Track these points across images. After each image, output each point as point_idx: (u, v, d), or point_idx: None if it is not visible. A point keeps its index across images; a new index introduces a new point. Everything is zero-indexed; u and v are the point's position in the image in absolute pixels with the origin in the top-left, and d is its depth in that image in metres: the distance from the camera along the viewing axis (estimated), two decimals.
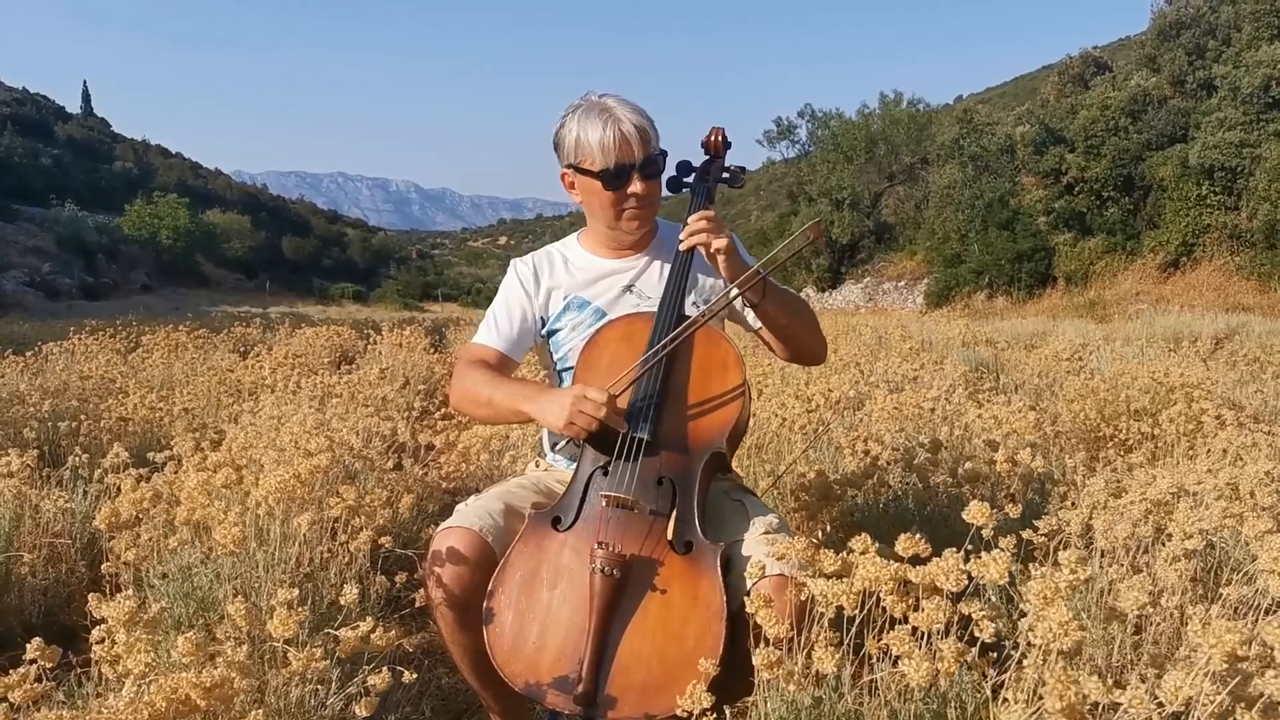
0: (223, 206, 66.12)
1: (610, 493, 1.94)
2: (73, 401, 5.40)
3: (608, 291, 2.29)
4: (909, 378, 7.03)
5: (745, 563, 1.93)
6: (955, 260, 28.48)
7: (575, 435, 1.95)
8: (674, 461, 2.00)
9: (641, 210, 2.20)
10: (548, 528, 1.98)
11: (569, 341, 2.28)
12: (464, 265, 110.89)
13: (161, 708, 1.27)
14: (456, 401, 2.23)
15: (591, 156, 2.12)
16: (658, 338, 2.08)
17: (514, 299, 2.31)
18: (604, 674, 1.82)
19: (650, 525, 1.93)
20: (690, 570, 1.88)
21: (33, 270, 42.05)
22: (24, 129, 67.47)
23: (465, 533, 1.96)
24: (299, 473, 1.90)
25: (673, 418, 2.05)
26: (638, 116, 2.12)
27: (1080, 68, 30.49)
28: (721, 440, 2.04)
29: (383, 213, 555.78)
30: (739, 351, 2.14)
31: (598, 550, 1.84)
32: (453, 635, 1.96)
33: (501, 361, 2.24)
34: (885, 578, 1.34)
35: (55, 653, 1.49)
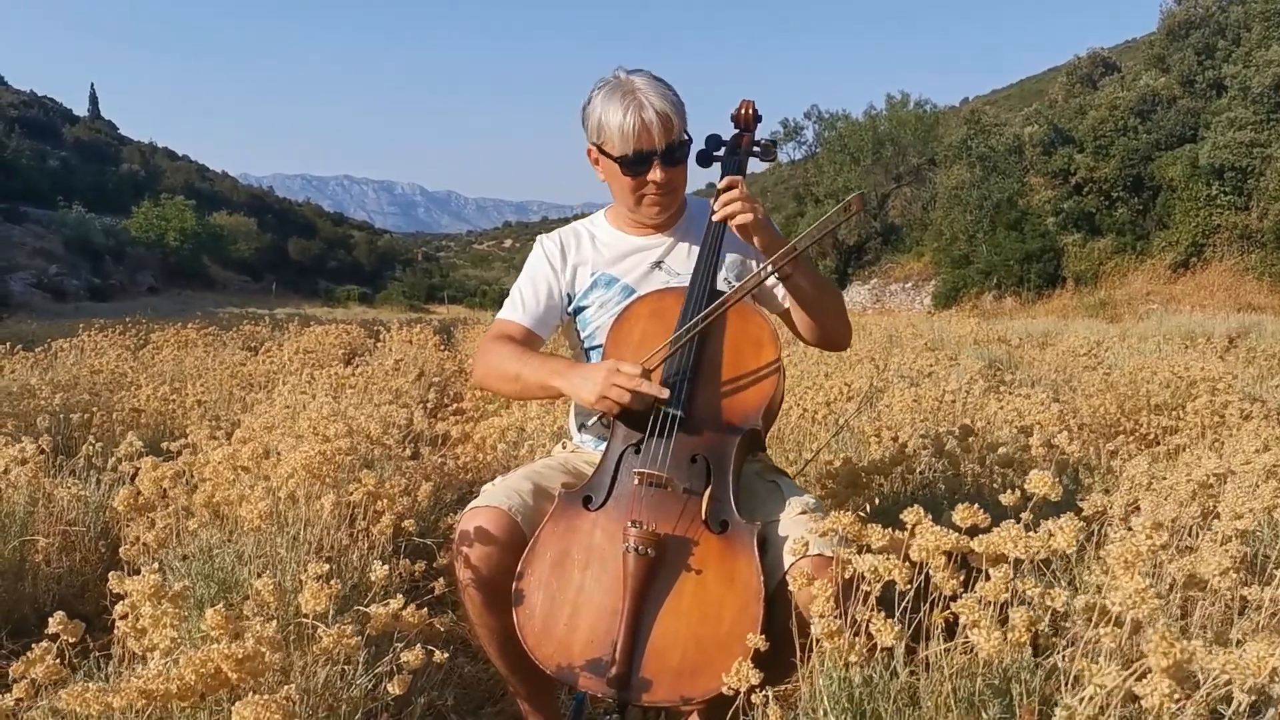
0: (229, 209, 66.26)
1: (644, 469, 1.88)
2: (84, 395, 5.36)
3: (636, 268, 2.24)
4: (924, 373, 6.98)
5: (782, 543, 1.88)
6: (963, 261, 28.39)
7: (608, 411, 1.90)
8: (708, 439, 1.95)
9: (661, 198, 2.14)
10: (579, 507, 1.93)
11: (596, 319, 2.22)
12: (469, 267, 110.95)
13: (191, 681, 1.21)
14: (482, 376, 2.18)
15: (612, 141, 2.07)
16: (690, 313, 2.02)
17: (540, 275, 2.25)
18: (638, 656, 1.76)
19: (684, 504, 1.88)
20: (726, 550, 1.83)
21: (40, 272, 42.14)
22: (32, 131, 67.65)
23: (494, 512, 1.90)
24: (324, 450, 1.85)
25: (706, 394, 1.99)
26: (663, 101, 2.05)
27: (1088, 68, 30.41)
28: (757, 417, 1.99)
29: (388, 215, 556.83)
30: (774, 327, 2.08)
31: (631, 529, 1.78)
32: (481, 617, 1.91)
33: (528, 338, 2.18)
34: (945, 547, 1.29)
35: (78, 627, 1.44)
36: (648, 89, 2.06)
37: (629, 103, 2.04)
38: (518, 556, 1.87)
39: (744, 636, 1.72)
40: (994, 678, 1.24)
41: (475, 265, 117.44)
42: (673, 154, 2.09)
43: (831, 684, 1.31)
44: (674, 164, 2.11)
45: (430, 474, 3.20)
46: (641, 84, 2.07)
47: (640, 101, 2.04)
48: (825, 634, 1.26)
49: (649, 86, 2.06)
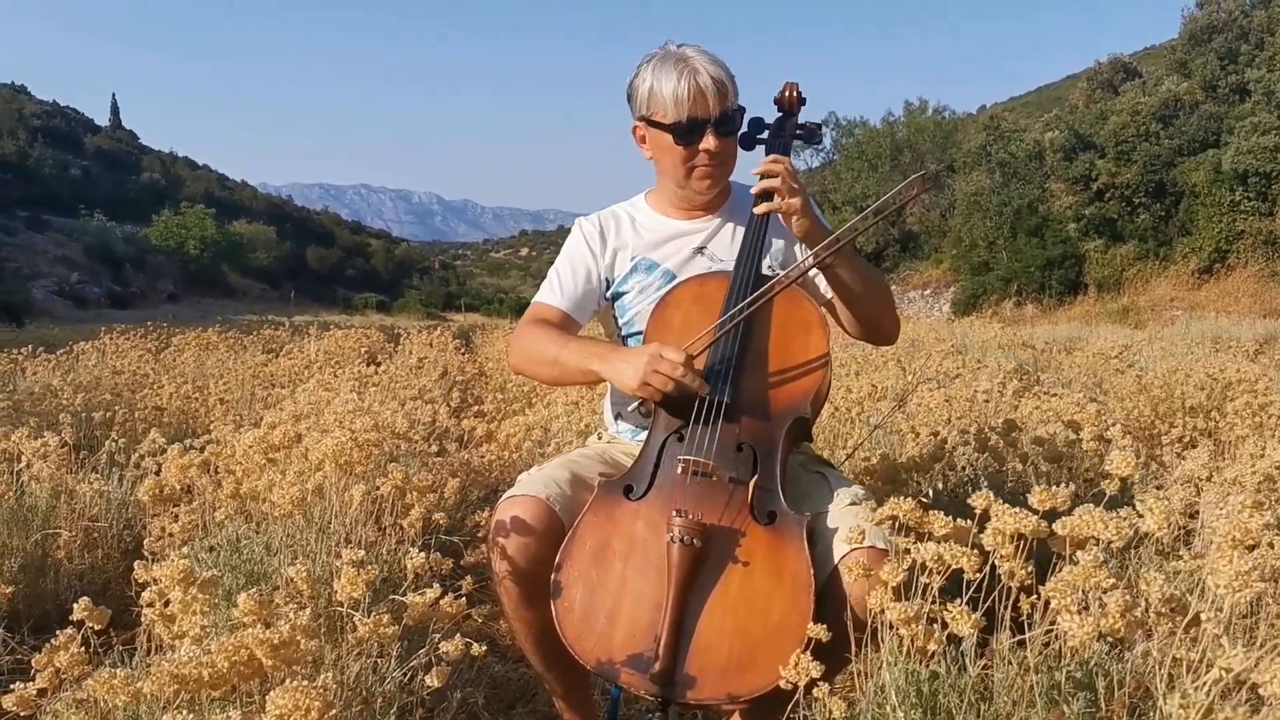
0: (248, 217, 66.69)
1: (689, 456, 1.80)
2: (105, 395, 5.33)
3: (678, 253, 2.16)
4: (951, 375, 6.87)
5: (831, 535, 1.80)
6: (983, 268, 28.18)
7: (649, 397, 1.82)
8: (755, 427, 1.87)
9: (714, 169, 2.07)
10: (619, 496, 1.85)
11: (636, 305, 2.15)
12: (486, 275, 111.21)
13: (224, 668, 1.14)
14: (518, 361, 2.10)
15: (664, 109, 2.00)
16: (734, 298, 1.95)
17: (578, 258, 2.18)
18: (682, 651, 1.68)
19: (730, 494, 1.80)
20: (774, 541, 1.75)
21: (61, 279, 42.49)
22: (54, 141, 68.33)
23: (532, 501, 1.83)
24: (355, 437, 1.79)
25: (753, 381, 1.91)
26: (716, 68, 1.99)
27: (1109, 74, 30.19)
28: (805, 405, 1.91)
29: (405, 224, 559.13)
30: (821, 312, 2.01)
31: (675, 519, 1.70)
32: (517, 610, 1.83)
33: (565, 322, 2.11)
34: (1025, 529, 1.20)
35: (104, 614, 1.38)
36: (700, 57, 2.01)
37: (682, 69, 1.98)
38: (556, 547, 1.79)
39: (794, 631, 1.64)
40: (1076, 670, 1.16)
41: (492, 273, 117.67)
42: (726, 122, 2.02)
43: (899, 677, 1.23)
44: (727, 134, 2.04)
45: (457, 470, 3.14)
46: (693, 53, 2.02)
47: (694, 68, 1.98)
48: (900, 620, 1.17)
49: (701, 55, 2.01)
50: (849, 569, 1.58)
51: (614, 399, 2.25)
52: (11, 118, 65.78)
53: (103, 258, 46.54)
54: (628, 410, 2.18)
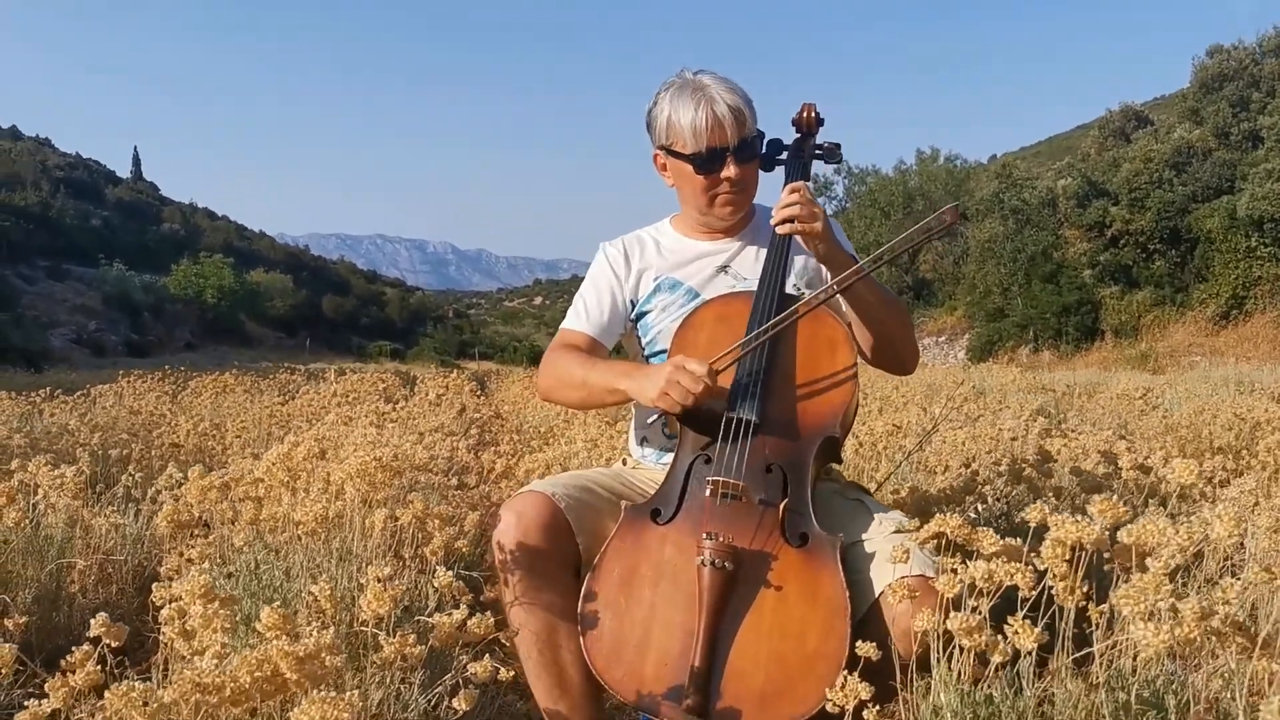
0: (266, 266, 67.40)
1: (717, 477, 1.75)
2: (122, 435, 5.31)
3: (701, 272, 2.14)
4: (972, 417, 6.79)
5: (871, 562, 1.74)
6: (998, 314, 28.10)
7: (669, 408, 1.77)
8: (783, 447, 1.82)
9: (735, 196, 2.06)
10: (646, 521, 1.80)
11: (659, 323, 2.12)
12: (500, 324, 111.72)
13: (245, 683, 1.09)
14: (547, 387, 2.08)
15: (683, 139, 1.99)
16: (758, 316, 1.91)
17: (603, 282, 2.16)
18: (716, 679, 1.63)
19: (760, 516, 1.75)
20: (808, 564, 1.69)
21: (80, 327, 42.91)
22: (76, 192, 69.40)
23: (539, 497, 1.80)
24: (379, 457, 1.74)
25: (780, 400, 1.87)
26: (734, 96, 1.98)
27: (1121, 122, 30.35)
28: (835, 424, 1.86)
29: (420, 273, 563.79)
30: (847, 329, 1.96)
31: (705, 542, 1.65)
32: (520, 617, 1.76)
33: (592, 346, 2.09)
34: (1089, 540, 1.14)
35: (122, 630, 1.33)
36: (717, 85, 1.99)
37: (699, 99, 1.97)
38: (561, 545, 1.76)
39: (832, 657, 1.59)
40: (1144, 688, 1.09)
41: (506, 322, 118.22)
42: (746, 150, 2.01)
43: (954, 698, 1.16)
44: (747, 160, 2.03)
45: (477, 504, 3.08)
46: (710, 81, 2.01)
47: (711, 97, 1.97)
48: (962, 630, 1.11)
49: (718, 83, 2.00)
50: (894, 594, 1.52)
51: (638, 421, 2.22)
52: (35, 169, 66.93)
53: (121, 306, 47.03)
54: (652, 429, 2.14)
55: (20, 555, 2.55)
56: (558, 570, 1.77)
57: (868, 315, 1.99)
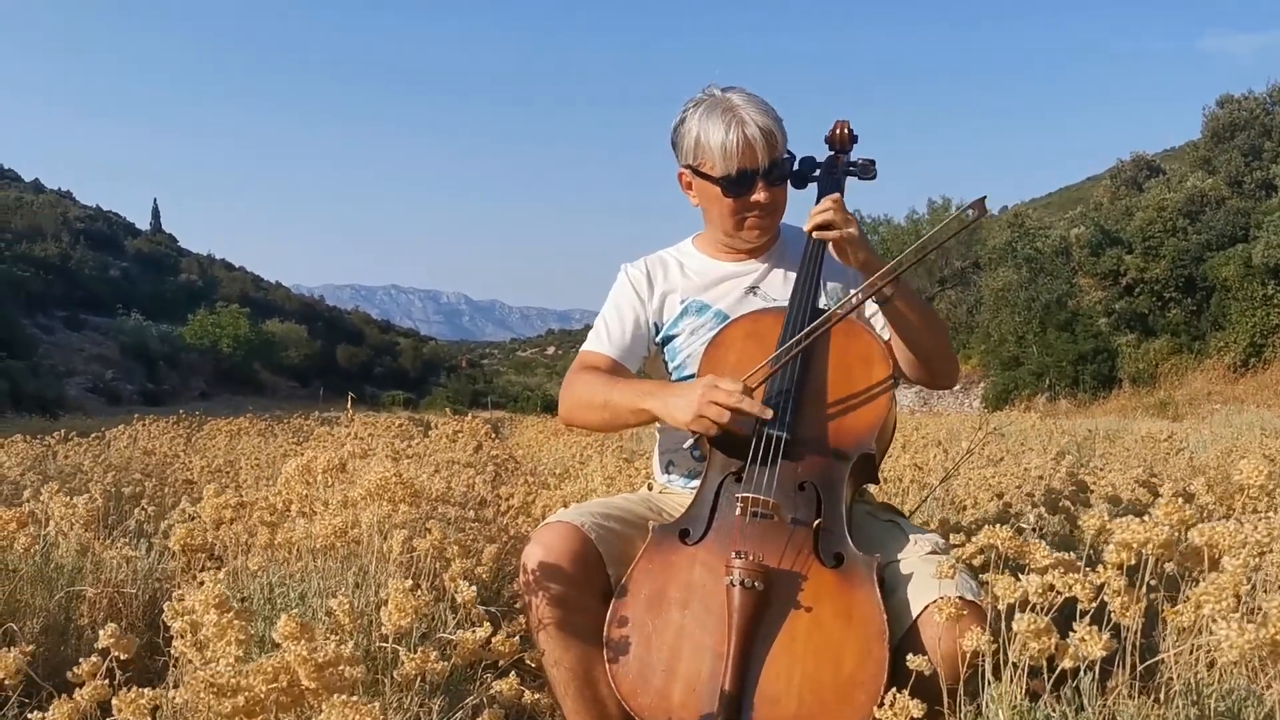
0: (281, 316, 67.90)
1: (748, 494, 1.69)
2: (136, 474, 5.27)
3: (730, 294, 2.08)
4: (994, 459, 6.68)
5: (908, 584, 1.66)
6: (1013, 363, 27.96)
7: (704, 431, 1.71)
8: (817, 465, 1.76)
9: (764, 219, 2.00)
10: (674, 541, 1.73)
11: (688, 347, 2.06)
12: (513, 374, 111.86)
13: (260, 692, 1.03)
14: (568, 410, 2.00)
15: (711, 160, 1.93)
16: (790, 332, 1.85)
17: (625, 303, 2.09)
18: (747, 704, 1.55)
19: (792, 535, 1.68)
20: (842, 585, 1.62)
21: (96, 376, 43.18)
22: (96, 243, 70.31)
23: (567, 528, 1.73)
24: (399, 473, 1.69)
25: (813, 416, 1.81)
26: (765, 117, 1.92)
27: (1133, 171, 30.45)
28: (870, 440, 1.80)
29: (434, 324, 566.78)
30: (882, 344, 1.90)
31: (735, 561, 1.58)
32: (554, 652, 1.69)
33: (614, 368, 2.02)
34: (1158, 539, 1.07)
35: (132, 642, 1.27)
36: (747, 105, 1.93)
37: (730, 119, 1.91)
38: (592, 577, 1.70)
39: (868, 683, 1.51)
40: (1219, 702, 1.01)
41: (519, 372, 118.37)
42: (776, 172, 1.95)
43: (1009, 715, 1.09)
44: (777, 183, 1.97)
45: (496, 535, 3.02)
46: (740, 100, 1.94)
47: (742, 118, 1.90)
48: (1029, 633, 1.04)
49: (748, 103, 1.93)
50: (940, 611, 1.44)
51: (663, 446, 2.15)
52: (56, 221, 67.90)
53: (137, 355, 47.36)
54: (680, 453, 2.07)
55: (29, 584, 2.49)
56: (590, 602, 1.70)
57: (907, 327, 1.92)
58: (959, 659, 1.39)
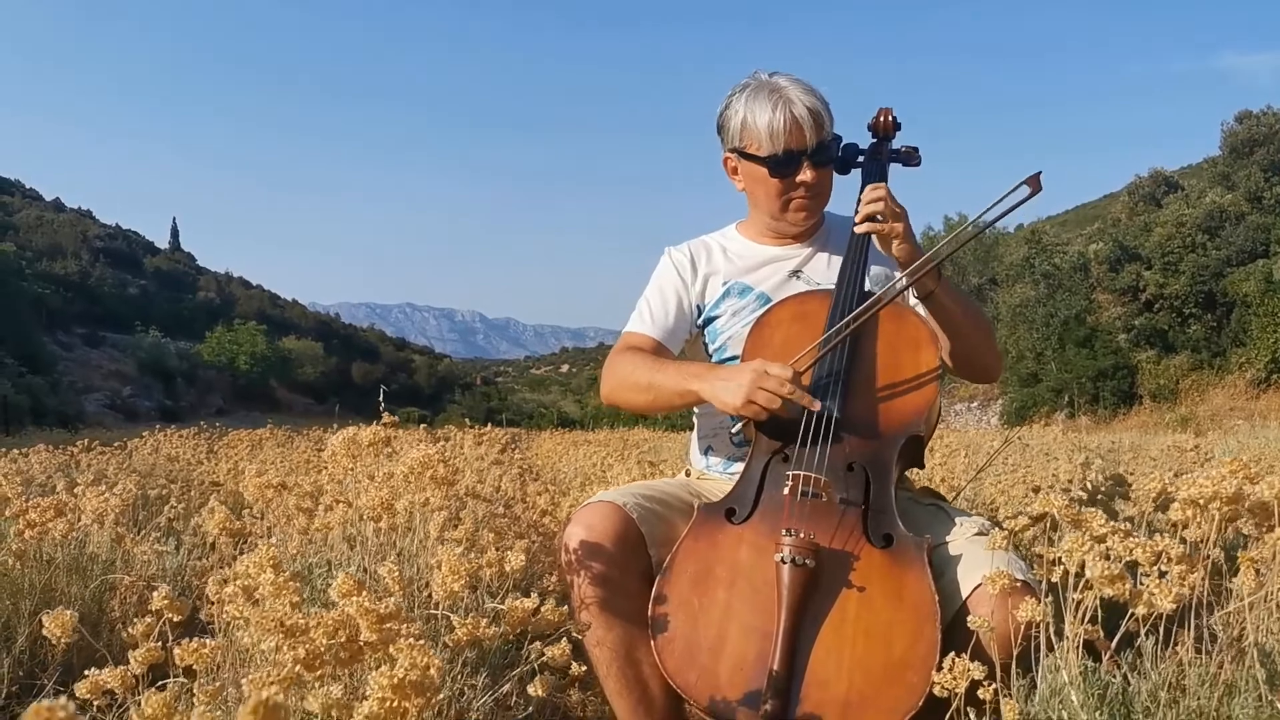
0: (297, 334, 68.31)
1: (798, 472, 1.67)
2: (160, 480, 5.29)
3: (773, 277, 2.05)
4: (1020, 467, 6.63)
5: (957, 566, 1.64)
6: (1032, 379, 27.83)
7: (754, 416, 1.69)
8: (865, 446, 1.73)
9: (810, 201, 1.98)
10: (720, 520, 1.70)
11: (729, 329, 2.04)
12: (527, 391, 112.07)
13: (320, 645, 1.02)
14: (610, 390, 1.98)
15: (758, 141, 1.92)
16: (838, 314, 1.84)
17: (669, 285, 2.07)
18: (796, 684, 1.52)
19: (841, 515, 1.65)
20: (892, 566, 1.59)
21: (114, 393, 43.50)
22: (115, 262, 71.01)
23: (609, 507, 1.71)
24: (440, 451, 1.68)
25: (862, 398, 1.79)
26: (811, 98, 1.91)
27: (1151, 187, 30.34)
28: (919, 422, 1.78)
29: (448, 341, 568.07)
30: (930, 328, 1.89)
31: (785, 538, 1.55)
32: (596, 634, 1.67)
33: (657, 350, 2.00)
34: (1226, 492, 1.06)
35: (185, 604, 1.26)
36: (794, 87, 1.92)
37: (776, 100, 1.90)
38: (635, 557, 1.68)
39: (920, 665, 1.48)
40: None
41: (533, 389, 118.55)
42: (822, 153, 1.93)
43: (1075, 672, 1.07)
44: (823, 164, 1.95)
45: (525, 531, 3.01)
46: (787, 83, 1.93)
47: (789, 98, 1.90)
48: (1103, 578, 1.02)
49: (794, 85, 1.93)
50: (990, 584, 1.42)
51: (702, 431, 2.12)
52: (76, 239, 68.62)
53: (155, 372, 47.70)
54: (719, 437, 2.05)
55: (65, 573, 2.50)
56: (632, 583, 1.67)
57: (950, 320, 1.90)
58: (1011, 636, 1.37)
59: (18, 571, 2.45)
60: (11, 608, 2.47)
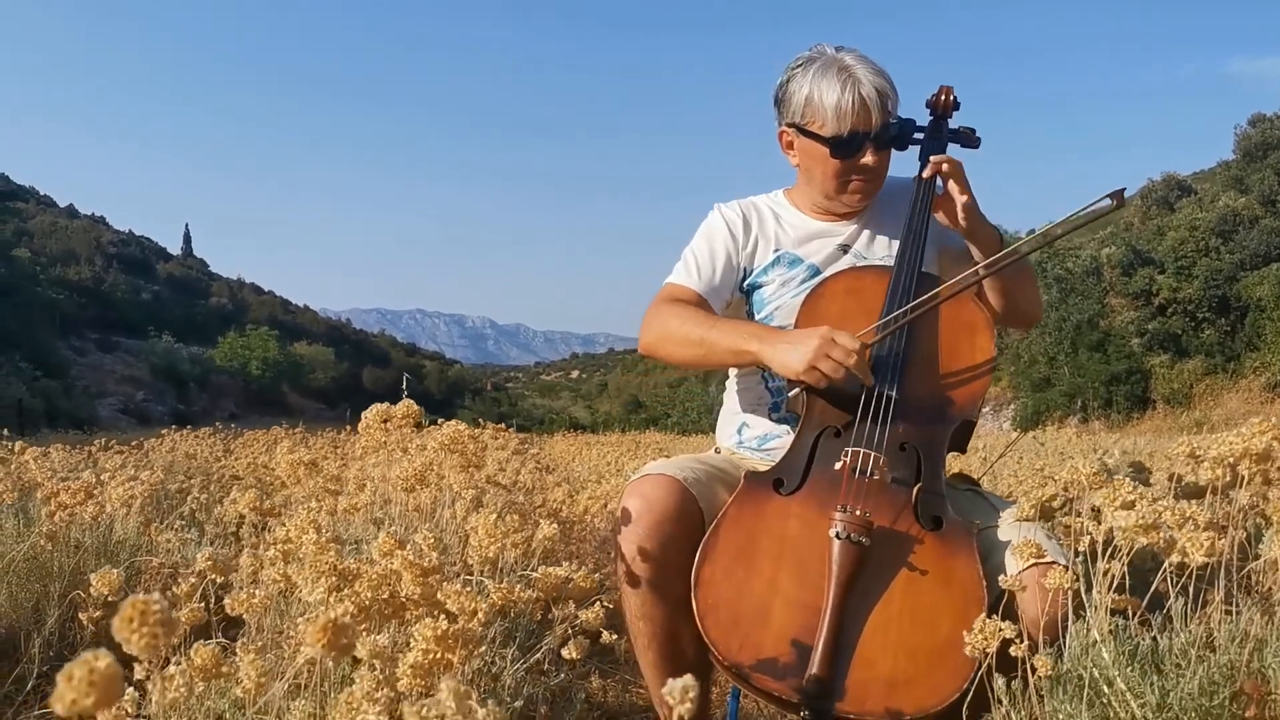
0: (309, 339, 68.53)
1: (856, 448, 1.65)
2: (180, 476, 5.33)
3: (823, 250, 2.01)
4: (1036, 468, 6.61)
5: (1003, 552, 1.63)
6: (1044, 384, 27.71)
7: (814, 383, 1.66)
8: (920, 428, 1.71)
9: (868, 184, 1.94)
10: (768, 490, 1.67)
11: (777, 298, 1.99)
12: (537, 397, 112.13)
13: (365, 599, 1.04)
14: (654, 341, 1.93)
15: (823, 119, 1.87)
16: (897, 293, 1.82)
17: (718, 240, 2.02)
18: (842, 661, 1.49)
19: (893, 495, 1.64)
20: (941, 548, 1.57)
21: (127, 398, 43.71)
22: (128, 268, 71.39)
23: (666, 480, 1.68)
24: (469, 430, 1.70)
25: (920, 380, 1.76)
26: (880, 79, 1.87)
27: (1164, 191, 30.23)
28: (974, 408, 1.77)
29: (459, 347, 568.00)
30: (988, 314, 1.88)
31: (838, 514, 1.53)
32: (642, 607, 1.65)
33: (700, 305, 1.94)
34: (1258, 447, 1.07)
35: (227, 565, 1.28)
36: (862, 65, 1.88)
37: (845, 79, 1.85)
38: (689, 531, 1.64)
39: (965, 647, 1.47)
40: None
41: (543, 395, 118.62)
42: (886, 136, 1.90)
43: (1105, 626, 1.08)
44: (884, 147, 1.92)
45: (546, 517, 3.02)
46: (853, 60, 1.88)
47: (858, 77, 1.85)
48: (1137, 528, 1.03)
49: (862, 63, 1.88)
50: (1017, 552, 1.43)
51: (741, 406, 2.09)
52: (90, 246, 69.01)
53: (168, 377, 47.92)
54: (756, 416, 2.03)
55: (93, 556, 2.53)
56: (685, 557, 1.63)
57: (1003, 286, 1.92)
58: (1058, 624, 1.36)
59: (47, 554, 2.49)
60: (41, 590, 2.50)
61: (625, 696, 2.71)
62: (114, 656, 0.53)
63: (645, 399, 55.96)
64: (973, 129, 2.02)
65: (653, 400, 52.42)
